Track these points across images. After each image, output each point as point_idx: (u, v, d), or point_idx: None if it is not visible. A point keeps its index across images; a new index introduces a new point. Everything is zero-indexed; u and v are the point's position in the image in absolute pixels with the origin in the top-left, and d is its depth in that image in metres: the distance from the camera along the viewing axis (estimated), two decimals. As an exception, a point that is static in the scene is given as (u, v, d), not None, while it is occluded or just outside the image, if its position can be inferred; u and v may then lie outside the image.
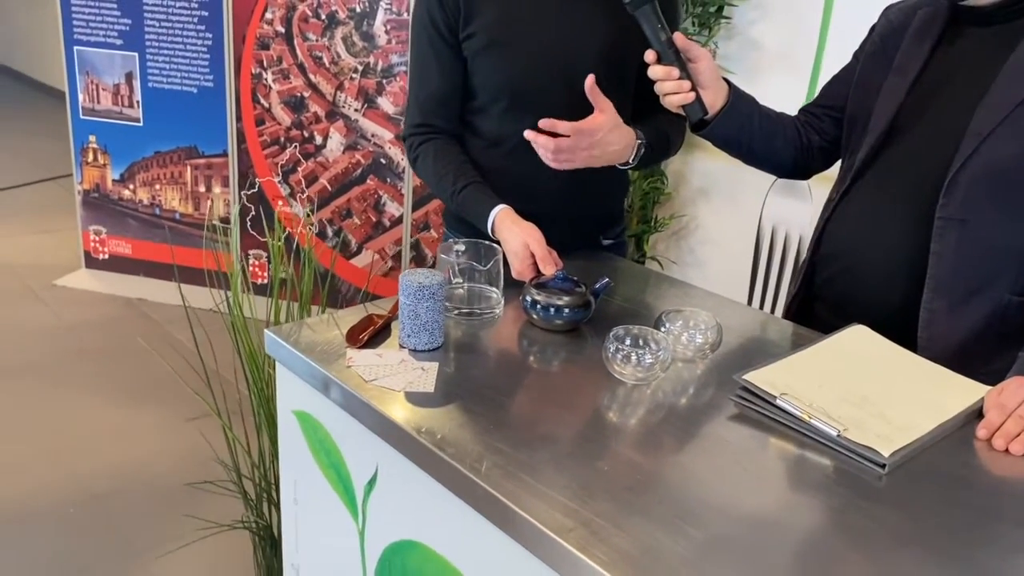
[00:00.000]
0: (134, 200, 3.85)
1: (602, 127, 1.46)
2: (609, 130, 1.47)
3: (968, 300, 1.28)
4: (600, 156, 1.51)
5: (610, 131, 1.47)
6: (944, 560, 0.92)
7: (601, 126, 1.46)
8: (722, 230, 2.95)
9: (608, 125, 1.47)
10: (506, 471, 1.02)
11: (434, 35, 1.60)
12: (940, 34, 1.32)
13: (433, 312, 1.28)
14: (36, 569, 2.17)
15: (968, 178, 1.24)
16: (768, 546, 0.93)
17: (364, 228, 3.56)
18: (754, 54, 2.73)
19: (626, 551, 0.90)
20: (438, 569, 1.13)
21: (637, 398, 1.22)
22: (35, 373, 3.12)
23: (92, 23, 3.62)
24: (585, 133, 1.45)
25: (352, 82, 3.41)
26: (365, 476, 1.22)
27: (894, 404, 1.17)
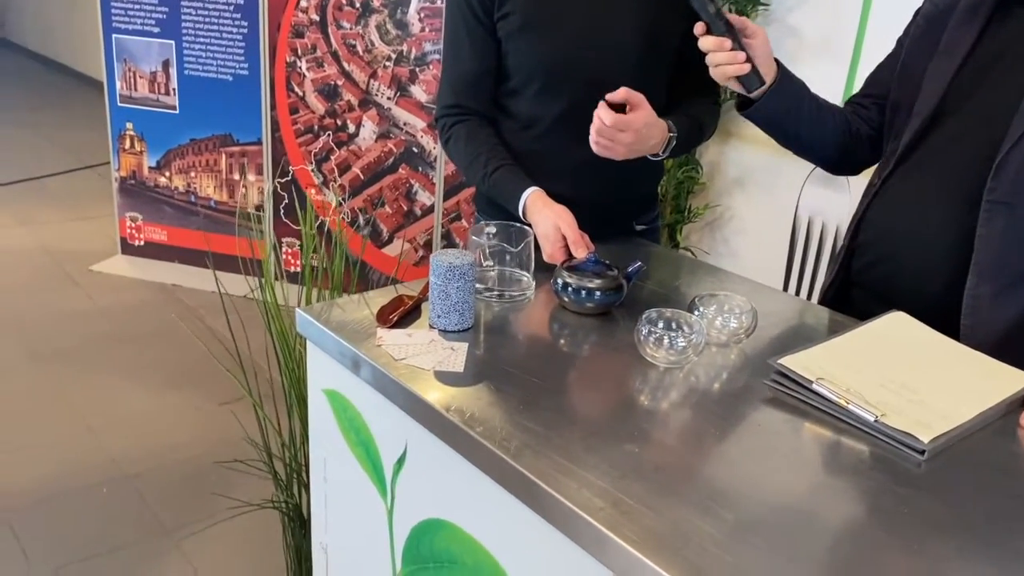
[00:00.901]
0: (170, 187, 3.89)
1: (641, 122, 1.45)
2: (646, 125, 1.46)
3: (1014, 287, 1.24)
4: (640, 149, 1.50)
5: (647, 126, 1.46)
6: (982, 547, 0.90)
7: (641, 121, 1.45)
8: (757, 221, 2.91)
9: (645, 121, 1.45)
10: (535, 450, 1.01)
11: (468, 15, 1.59)
12: (990, 15, 1.29)
13: (463, 293, 1.27)
14: (70, 546, 2.20)
15: (1018, 160, 1.20)
16: (800, 530, 0.91)
17: (395, 217, 3.56)
18: (792, 41, 2.69)
19: (655, 531, 0.89)
20: (466, 548, 1.12)
21: (669, 382, 1.20)
22: (71, 356, 3.16)
23: (130, 11, 3.66)
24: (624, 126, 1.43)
25: (385, 70, 3.41)
26: (394, 455, 1.22)
27: (934, 391, 1.15)
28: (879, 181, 1.38)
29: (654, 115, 1.47)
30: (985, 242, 1.24)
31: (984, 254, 1.24)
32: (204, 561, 2.19)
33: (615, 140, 1.43)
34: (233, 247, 3.77)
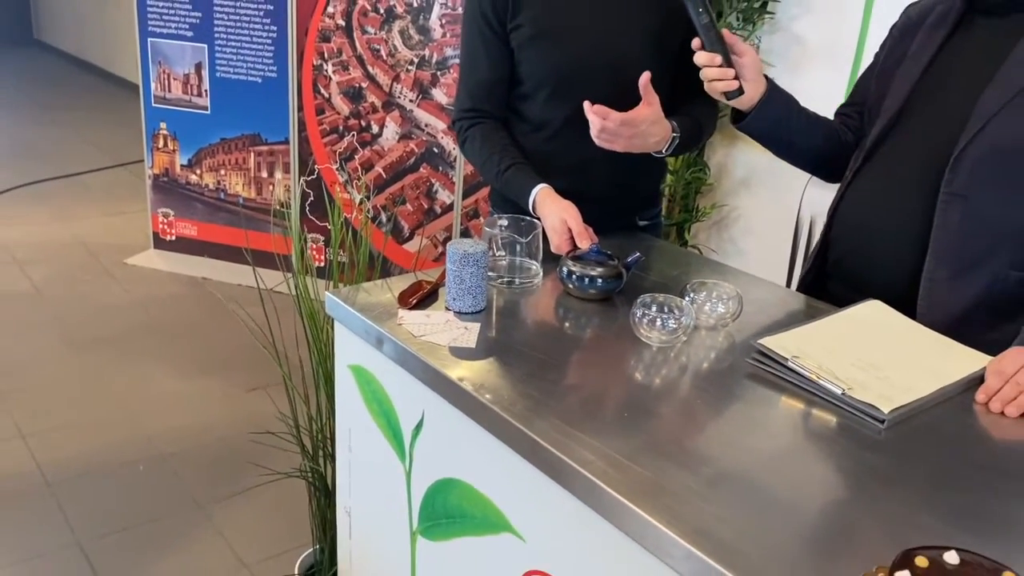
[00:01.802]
0: (200, 184, 4.06)
1: (646, 119, 1.57)
2: (652, 123, 1.58)
3: (968, 272, 1.36)
4: (640, 144, 1.62)
5: (652, 124, 1.58)
6: (925, 501, 1.02)
7: (646, 118, 1.57)
8: (762, 220, 3.02)
9: (652, 118, 1.58)
10: (538, 415, 1.15)
11: (484, 26, 1.72)
12: (955, 24, 1.41)
13: (476, 278, 1.41)
14: (109, 518, 2.36)
15: (973, 156, 1.33)
16: (769, 485, 1.04)
17: (416, 214, 3.71)
18: (797, 48, 2.80)
19: (642, 482, 1.02)
20: (476, 503, 1.26)
21: (661, 359, 1.33)
22: (107, 344, 3.33)
23: (165, 16, 3.83)
24: (629, 123, 1.56)
25: (408, 74, 3.56)
26: (412, 422, 1.36)
27: (899, 369, 1.27)
28: (849, 177, 1.51)
29: (660, 115, 1.59)
30: (941, 231, 1.36)
31: (940, 242, 1.36)
32: (233, 532, 2.34)
33: (616, 134, 1.56)
34: (260, 242, 3.94)
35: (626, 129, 1.55)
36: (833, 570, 0.89)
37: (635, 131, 1.56)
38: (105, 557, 2.22)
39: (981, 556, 0.85)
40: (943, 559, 0.85)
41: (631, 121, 1.55)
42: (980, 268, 1.37)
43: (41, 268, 3.98)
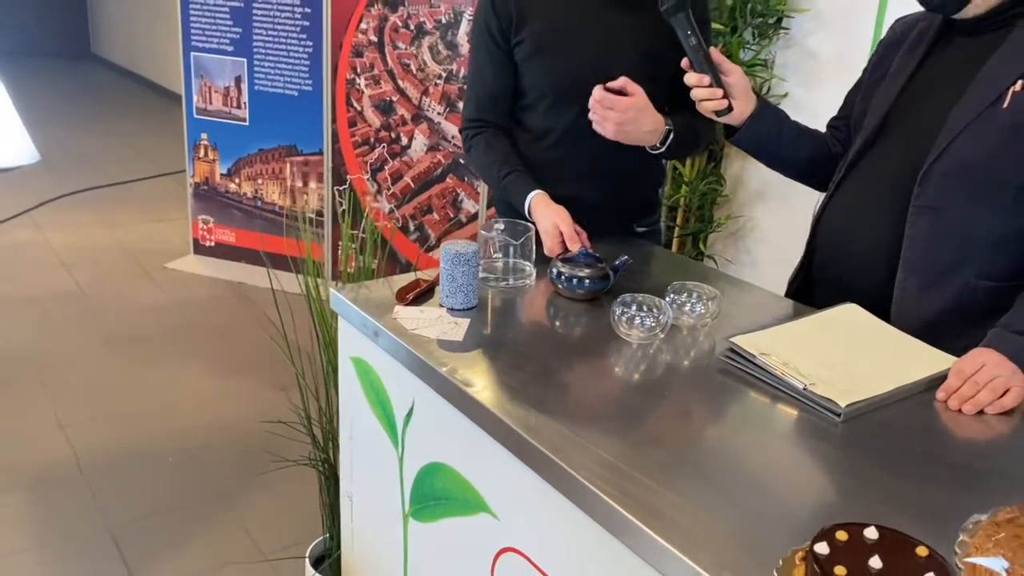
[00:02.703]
0: (239, 193, 4.22)
1: (631, 106, 1.64)
2: (639, 109, 1.65)
3: (938, 281, 1.42)
4: (631, 132, 1.68)
5: (640, 111, 1.65)
6: (867, 488, 1.08)
7: (630, 105, 1.64)
8: (778, 231, 3.07)
9: (636, 105, 1.65)
10: (513, 402, 1.23)
11: (489, 42, 1.82)
12: (932, 43, 1.47)
13: (468, 277, 1.50)
14: (138, 505, 2.49)
15: (940, 171, 1.38)
16: (721, 469, 1.11)
17: (442, 223, 3.82)
18: (810, 62, 2.86)
19: (603, 465, 1.09)
20: (457, 485, 1.34)
21: (640, 356, 1.40)
22: (146, 343, 3.49)
23: (208, 31, 4.00)
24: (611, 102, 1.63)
25: (436, 87, 3.68)
26: (404, 409, 1.45)
27: (864, 367, 1.33)
28: (832, 189, 1.57)
29: (648, 105, 1.66)
30: (912, 241, 1.41)
31: (911, 252, 1.42)
32: (253, 522, 2.45)
33: (605, 117, 1.64)
34: (294, 249, 4.08)
35: (613, 112, 1.62)
36: (766, 547, 0.95)
37: (623, 115, 1.63)
38: (132, 541, 2.34)
39: (899, 533, 0.91)
40: (863, 534, 0.91)
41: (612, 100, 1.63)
42: (950, 278, 1.42)
43: (86, 271, 4.17)
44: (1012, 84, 1.33)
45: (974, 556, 0.93)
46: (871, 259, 1.51)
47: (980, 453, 1.19)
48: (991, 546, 0.93)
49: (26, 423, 2.86)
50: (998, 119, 1.34)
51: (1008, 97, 1.33)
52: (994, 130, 1.34)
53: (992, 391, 1.26)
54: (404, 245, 3.91)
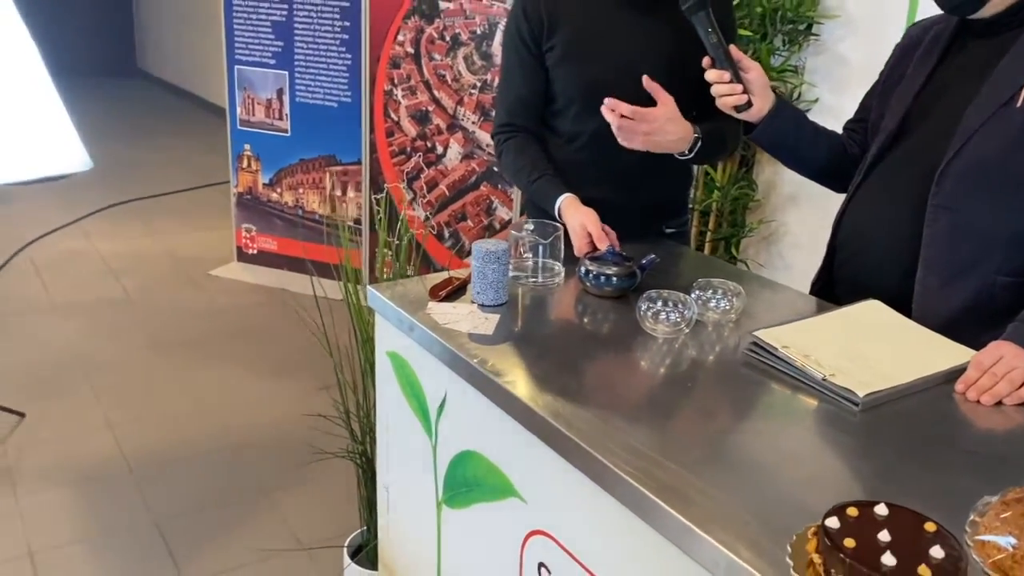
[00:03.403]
0: (280, 202, 4.34)
1: (659, 117, 1.69)
2: (667, 119, 1.70)
3: (957, 279, 1.44)
4: (660, 142, 1.73)
5: (667, 121, 1.70)
6: (887, 472, 1.12)
7: (659, 116, 1.69)
8: (810, 235, 3.09)
9: (665, 116, 1.70)
10: (544, 393, 1.28)
11: (521, 47, 1.88)
12: (947, 46, 1.50)
13: (498, 274, 1.56)
14: (183, 501, 2.58)
15: (957, 170, 1.41)
16: (743, 455, 1.15)
17: (476, 230, 3.89)
18: (841, 68, 2.88)
19: (627, 449, 1.14)
20: (488, 472, 1.40)
21: (666, 350, 1.45)
22: (192, 346, 3.60)
23: (251, 45, 4.13)
24: (642, 117, 1.68)
25: (471, 97, 3.76)
26: (437, 400, 1.51)
27: (884, 360, 1.36)
28: (852, 189, 1.60)
29: (677, 114, 1.71)
30: (931, 240, 1.44)
31: (930, 250, 1.45)
32: (295, 516, 2.53)
33: (632, 131, 1.69)
34: (334, 256, 4.18)
35: (641, 125, 1.67)
36: (782, 526, 0.99)
37: (651, 127, 1.68)
38: (177, 534, 2.43)
39: (908, 510, 0.95)
40: (873, 510, 0.95)
41: (644, 115, 1.67)
42: (969, 275, 1.45)
43: (133, 277, 4.31)
44: (1024, 85, 1.36)
45: (983, 534, 0.97)
46: (891, 258, 1.54)
47: (997, 441, 1.22)
48: (999, 524, 0.96)
49: (76, 423, 2.98)
50: (1012, 118, 1.37)
51: (1021, 97, 1.36)
52: (1008, 129, 1.37)
53: (1010, 382, 1.28)
54: (439, 251, 3.98)
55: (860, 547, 0.89)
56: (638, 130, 1.69)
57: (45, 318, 3.80)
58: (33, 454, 2.77)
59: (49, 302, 3.97)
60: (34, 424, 2.94)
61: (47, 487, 2.61)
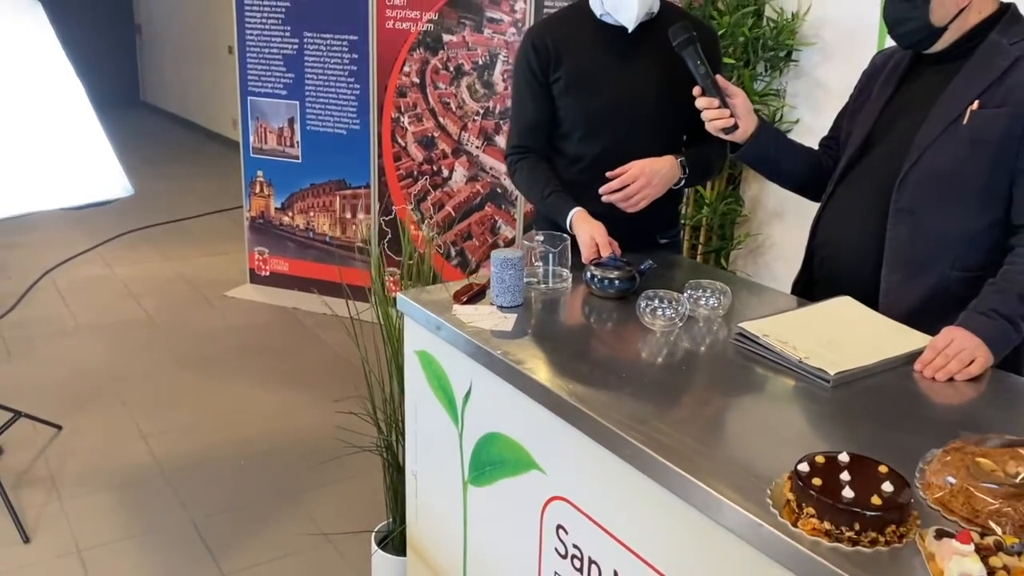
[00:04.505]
0: (292, 225, 4.55)
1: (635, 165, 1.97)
2: (648, 168, 1.96)
3: (917, 274, 1.66)
4: (658, 184, 1.99)
5: (647, 164, 1.95)
6: (853, 433, 1.32)
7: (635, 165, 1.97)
8: (794, 247, 3.30)
9: (641, 164, 1.96)
10: (557, 376, 1.49)
11: (530, 78, 2.10)
12: (904, 74, 1.73)
13: (515, 279, 1.76)
14: (215, 501, 2.77)
15: (914, 180, 1.63)
16: (731, 425, 1.36)
17: (481, 248, 4.10)
18: (818, 91, 3.11)
19: (633, 418, 1.35)
20: (511, 450, 1.59)
21: (663, 341, 1.66)
22: (211, 363, 3.79)
23: (263, 77, 4.36)
24: (624, 179, 1.96)
25: (474, 123, 3.99)
26: (463, 390, 1.71)
27: (852, 345, 1.57)
28: (825, 198, 1.82)
29: (651, 160, 1.96)
30: (893, 240, 1.66)
31: (893, 249, 1.66)
32: (319, 512, 2.72)
33: (636, 192, 1.95)
34: (344, 275, 4.39)
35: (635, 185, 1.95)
36: (764, 475, 1.20)
37: (645, 180, 1.94)
38: (213, 531, 2.62)
39: (866, 457, 1.16)
40: (837, 458, 1.15)
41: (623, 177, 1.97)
42: (927, 271, 1.67)
43: (153, 299, 4.50)
44: (969, 104, 1.58)
45: (929, 477, 1.17)
46: (860, 257, 1.75)
47: (949, 411, 1.43)
48: (941, 468, 1.17)
49: (110, 433, 3.16)
50: (960, 134, 1.59)
51: (967, 115, 1.58)
52: (957, 143, 1.59)
53: (960, 361, 1.49)
54: (446, 270, 4.19)
55: (825, 485, 1.09)
56: (635, 191, 1.95)
57: (72, 338, 3.99)
58: (72, 462, 2.95)
59: (75, 323, 4.16)
60: (70, 435, 3.13)
61: (88, 491, 2.79)
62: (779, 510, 1.12)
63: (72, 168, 2.42)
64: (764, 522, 1.10)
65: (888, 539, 1.06)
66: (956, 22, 1.61)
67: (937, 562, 1.01)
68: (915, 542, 1.06)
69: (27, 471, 2.89)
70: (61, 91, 2.44)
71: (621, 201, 1.98)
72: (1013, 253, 1.61)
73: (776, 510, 1.12)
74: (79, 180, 2.43)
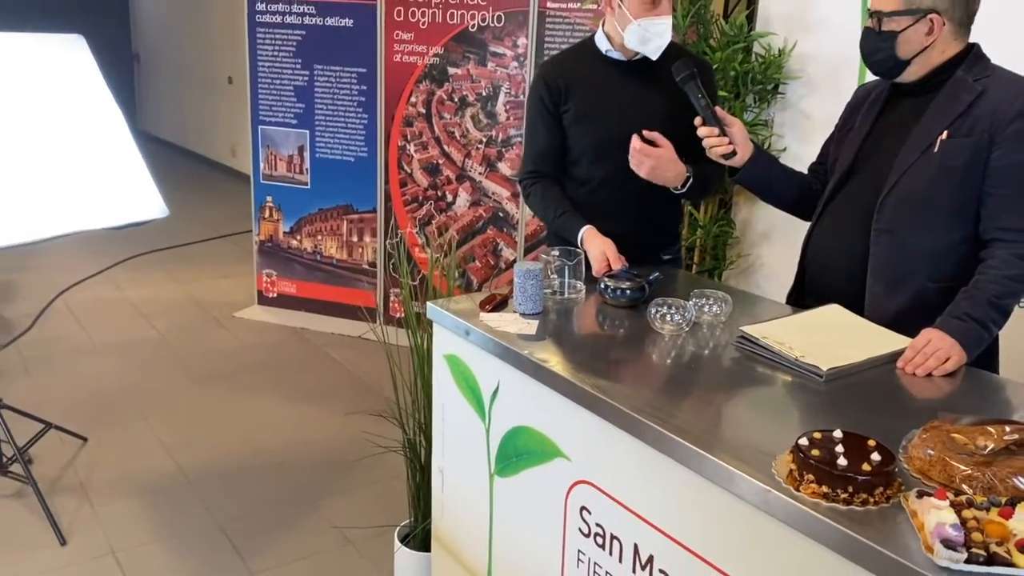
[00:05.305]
0: (300, 248, 4.72)
1: (663, 156, 2.14)
2: (667, 159, 2.14)
3: (898, 286, 1.86)
4: (660, 175, 2.17)
5: (667, 160, 2.14)
6: (846, 419, 1.51)
7: (662, 155, 2.14)
8: (783, 267, 3.50)
9: (667, 156, 2.14)
10: (578, 372, 1.67)
11: (543, 109, 2.30)
12: (883, 105, 1.94)
13: (536, 288, 1.95)
14: (239, 507, 2.91)
15: (893, 201, 1.84)
16: (738, 413, 1.54)
17: (484, 270, 4.29)
18: (804, 122, 3.34)
19: (652, 406, 1.52)
20: (537, 441, 1.77)
21: (671, 344, 1.84)
22: (223, 380, 3.94)
23: (274, 107, 4.55)
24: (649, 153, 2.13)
25: (477, 151, 4.19)
26: (490, 389, 1.88)
27: (841, 345, 1.76)
28: (815, 218, 2.02)
29: (674, 157, 2.14)
30: (875, 256, 1.86)
31: (875, 264, 1.86)
32: (339, 516, 2.86)
33: (641, 161, 2.12)
34: (351, 297, 4.56)
35: (648, 159, 2.13)
36: (768, 451, 1.38)
37: (656, 162, 2.12)
38: (240, 533, 2.76)
39: (857, 433, 1.34)
40: (832, 434, 1.34)
41: (649, 151, 2.13)
42: (906, 282, 1.86)
43: (164, 320, 4.65)
44: (940, 134, 1.79)
45: (911, 451, 1.36)
46: (847, 271, 1.95)
47: (927, 400, 1.62)
48: (920, 443, 1.35)
49: (134, 444, 3.30)
50: (932, 161, 1.80)
51: (938, 144, 1.79)
52: (930, 169, 1.80)
53: (937, 359, 1.69)
54: (450, 291, 4.37)
55: (822, 456, 1.27)
56: (646, 161, 2.12)
57: (90, 357, 4.13)
58: (100, 471, 3.09)
59: (91, 343, 4.30)
60: (96, 447, 3.27)
61: (118, 498, 2.93)
62: (783, 479, 1.30)
63: (113, 191, 2.59)
64: (772, 488, 1.28)
65: (877, 500, 1.24)
66: (920, 57, 1.82)
67: (919, 517, 1.19)
68: (900, 502, 1.24)
69: (59, 479, 3.02)
70: (103, 119, 2.62)
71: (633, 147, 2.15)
72: (983, 264, 1.80)
73: (780, 479, 1.30)
74: (120, 202, 2.60)
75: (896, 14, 1.79)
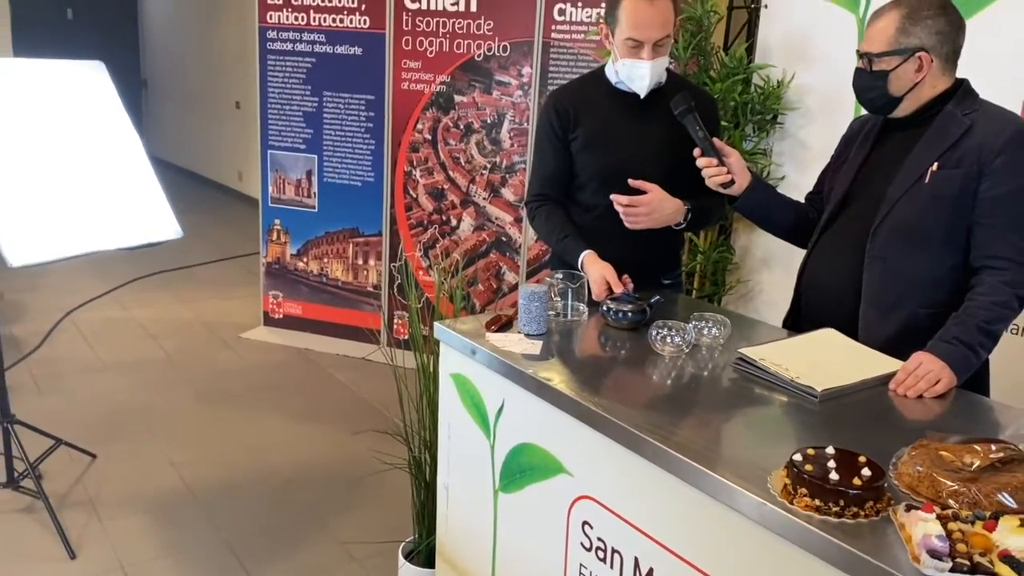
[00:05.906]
0: (306, 270, 4.79)
1: (652, 200, 2.21)
2: (660, 201, 2.21)
3: (890, 311, 1.92)
4: (659, 219, 2.24)
5: (660, 201, 2.21)
6: (838, 437, 1.56)
7: (651, 200, 2.21)
8: (781, 293, 3.57)
9: (657, 198, 2.20)
10: (581, 390, 1.73)
11: (552, 135, 2.38)
12: (876, 138, 2.02)
13: (540, 309, 2.01)
14: (246, 523, 2.95)
15: (885, 229, 1.91)
16: (734, 430, 1.60)
17: (487, 293, 4.35)
18: (802, 151, 3.42)
19: (652, 424, 1.58)
20: (540, 457, 1.82)
21: (671, 365, 1.90)
22: (230, 399, 4.00)
23: (284, 132, 4.65)
24: (638, 203, 2.20)
25: (482, 177, 4.27)
26: (496, 407, 1.94)
27: (835, 367, 1.82)
28: (811, 246, 2.09)
29: (665, 195, 2.21)
30: (869, 282, 1.93)
31: (868, 290, 1.93)
32: (345, 533, 2.91)
33: (635, 214, 2.18)
34: (356, 319, 4.62)
35: (641, 209, 2.18)
36: (764, 467, 1.44)
37: (649, 208, 2.18)
38: (246, 550, 2.80)
39: (849, 450, 1.40)
40: (825, 450, 1.39)
41: (637, 200, 2.20)
42: (898, 309, 1.93)
43: (171, 340, 4.71)
44: (930, 166, 1.87)
45: (900, 468, 1.42)
46: (841, 297, 2.01)
47: (917, 420, 1.68)
48: (909, 460, 1.41)
49: (142, 461, 3.35)
50: (923, 191, 1.87)
51: (928, 176, 1.86)
52: (920, 199, 1.87)
53: (928, 381, 1.75)
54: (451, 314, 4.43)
55: (815, 471, 1.33)
56: (640, 213, 2.19)
57: (99, 375, 4.19)
58: (109, 488, 3.14)
59: (99, 362, 4.36)
60: (104, 463, 3.32)
61: (126, 514, 2.97)
62: (778, 493, 1.36)
63: (130, 211, 2.67)
64: (767, 501, 1.34)
65: (867, 513, 1.30)
66: (912, 93, 1.90)
67: (907, 529, 1.25)
68: (889, 515, 1.30)
69: (67, 495, 3.07)
70: (121, 143, 2.70)
71: (624, 214, 2.22)
72: (972, 291, 1.87)
73: (775, 493, 1.36)
74: (137, 223, 2.67)
75: (885, 54, 1.88)
